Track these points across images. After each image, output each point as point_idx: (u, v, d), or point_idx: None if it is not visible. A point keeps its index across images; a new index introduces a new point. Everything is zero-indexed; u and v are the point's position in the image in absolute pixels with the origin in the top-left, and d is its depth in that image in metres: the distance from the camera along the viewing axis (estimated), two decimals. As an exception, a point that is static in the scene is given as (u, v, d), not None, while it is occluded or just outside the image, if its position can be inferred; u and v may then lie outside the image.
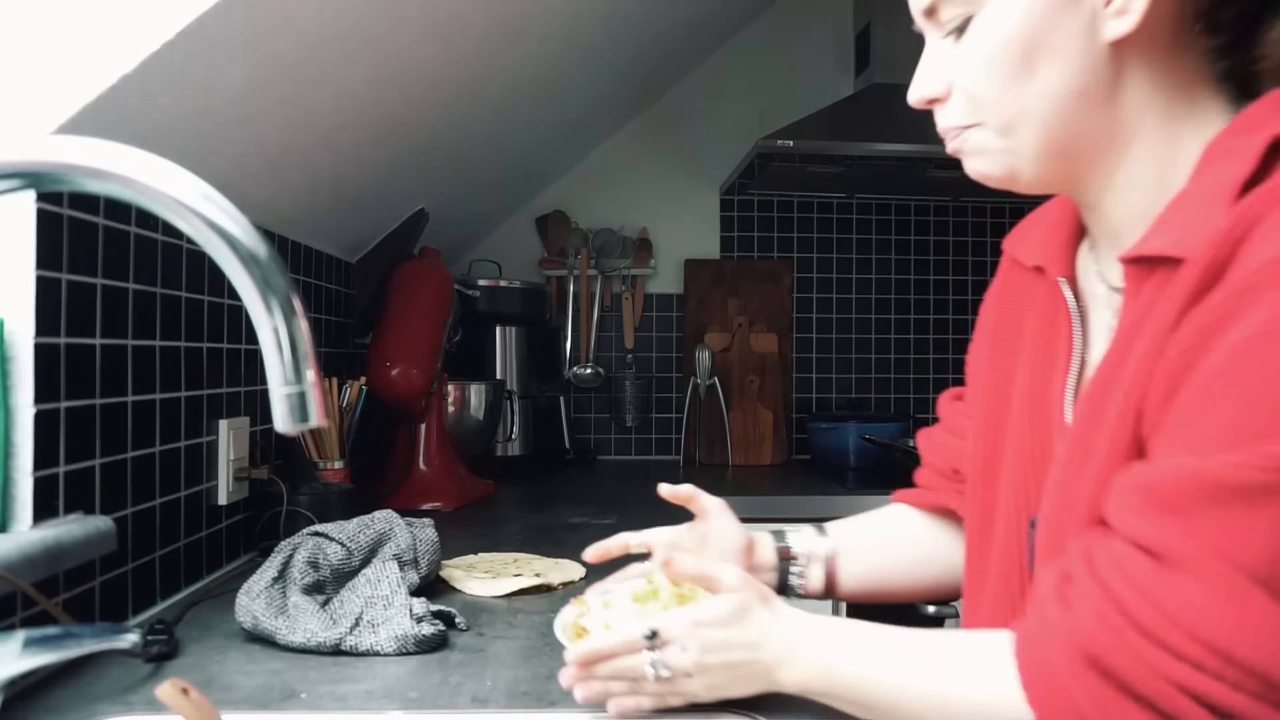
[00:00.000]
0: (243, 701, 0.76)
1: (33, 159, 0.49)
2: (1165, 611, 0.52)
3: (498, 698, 0.77)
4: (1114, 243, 0.68)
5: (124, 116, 0.88)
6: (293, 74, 1.07)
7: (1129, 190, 0.66)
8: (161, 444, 1.08)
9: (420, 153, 1.68)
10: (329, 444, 1.50)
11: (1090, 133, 0.64)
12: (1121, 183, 0.66)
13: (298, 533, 1.02)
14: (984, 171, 0.68)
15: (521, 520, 1.66)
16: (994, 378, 0.79)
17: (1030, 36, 0.62)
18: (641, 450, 2.61)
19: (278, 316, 0.51)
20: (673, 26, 2.16)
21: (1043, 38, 0.62)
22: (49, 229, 0.86)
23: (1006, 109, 0.64)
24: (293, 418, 0.52)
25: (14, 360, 0.84)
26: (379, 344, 1.72)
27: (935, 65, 0.67)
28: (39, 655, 0.56)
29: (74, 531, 0.86)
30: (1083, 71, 0.62)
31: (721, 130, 2.56)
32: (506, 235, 2.64)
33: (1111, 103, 0.63)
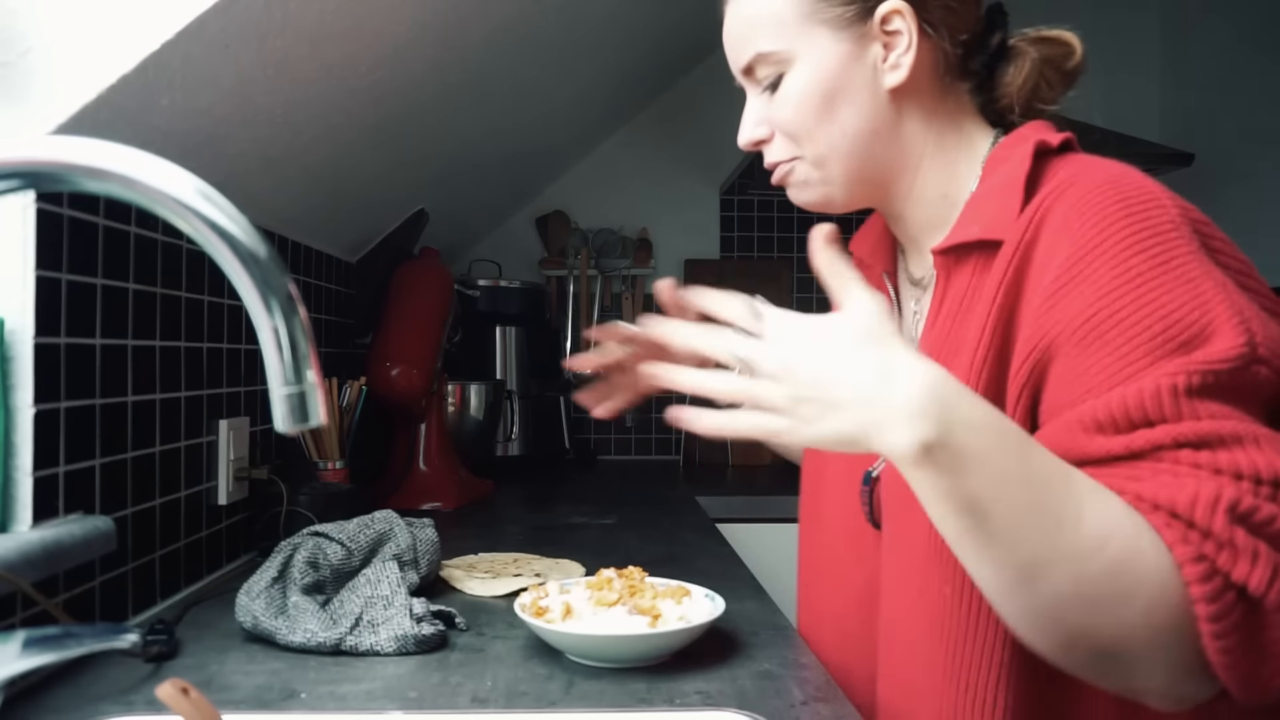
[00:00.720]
0: (243, 701, 0.76)
1: (32, 158, 0.49)
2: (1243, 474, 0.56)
3: (498, 698, 0.77)
4: (914, 246, 0.87)
5: (123, 116, 0.88)
6: (293, 74, 1.07)
7: (921, 203, 0.83)
8: (161, 444, 1.08)
9: (420, 153, 1.68)
10: (329, 444, 1.50)
11: (885, 161, 0.81)
12: (915, 198, 0.83)
13: (298, 533, 1.02)
14: (806, 200, 0.84)
15: (521, 520, 1.66)
16: None
17: (828, 88, 0.78)
18: (641, 450, 2.61)
19: (278, 316, 0.50)
20: (672, 26, 2.16)
21: (838, 89, 0.79)
22: (49, 229, 0.86)
23: (818, 146, 0.80)
24: (293, 418, 0.51)
25: (14, 360, 0.84)
26: (379, 344, 1.72)
27: (757, 114, 0.84)
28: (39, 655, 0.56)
29: (74, 531, 0.86)
30: (872, 114, 0.79)
31: (721, 130, 2.55)
32: (506, 235, 2.64)
33: (897, 136, 0.81)
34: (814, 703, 0.76)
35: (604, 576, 0.94)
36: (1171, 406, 0.58)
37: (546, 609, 0.89)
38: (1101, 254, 0.64)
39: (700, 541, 1.36)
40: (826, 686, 0.79)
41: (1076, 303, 0.64)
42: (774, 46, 0.79)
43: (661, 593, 0.91)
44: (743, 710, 0.73)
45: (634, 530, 1.48)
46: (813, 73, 0.78)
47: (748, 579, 1.18)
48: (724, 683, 0.80)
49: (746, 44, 0.81)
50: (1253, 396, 0.61)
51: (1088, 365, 0.63)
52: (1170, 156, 2.23)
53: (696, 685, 0.79)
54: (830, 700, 0.76)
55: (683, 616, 0.86)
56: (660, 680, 0.80)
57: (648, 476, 2.27)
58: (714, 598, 0.92)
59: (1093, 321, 0.63)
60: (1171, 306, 0.61)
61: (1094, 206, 0.66)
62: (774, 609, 1.04)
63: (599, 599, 0.89)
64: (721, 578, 1.18)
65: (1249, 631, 0.54)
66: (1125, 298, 0.62)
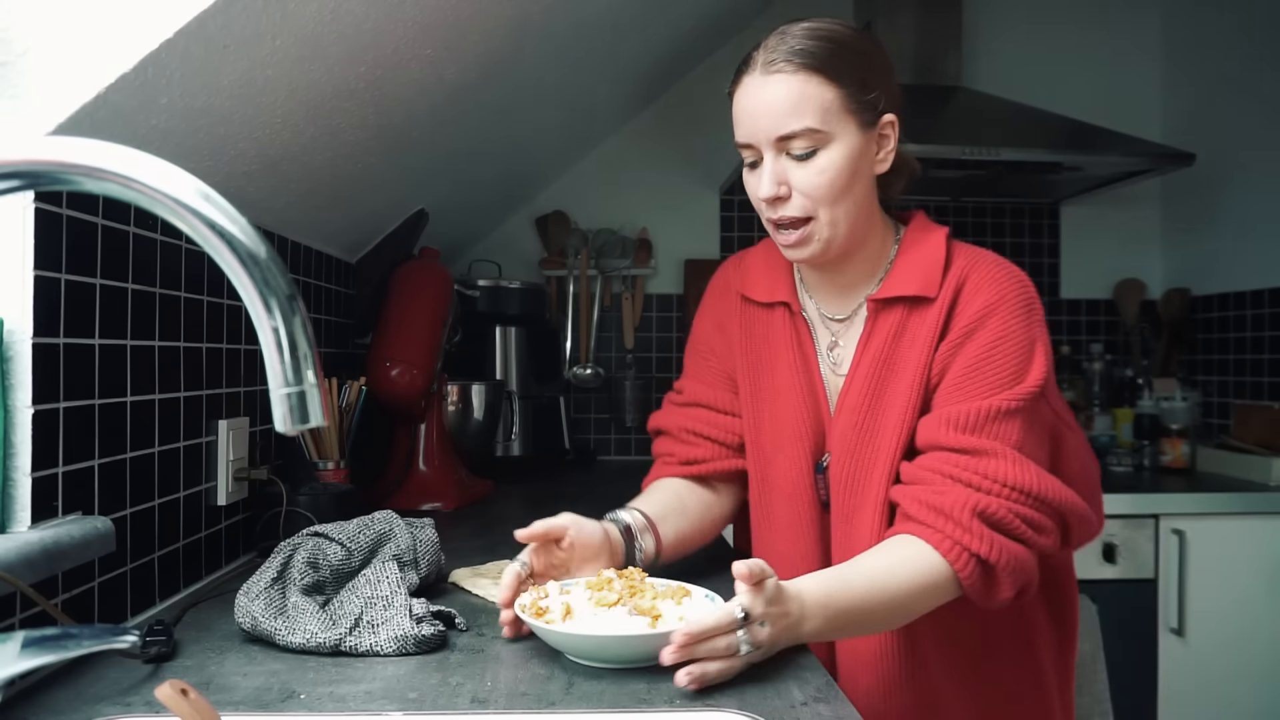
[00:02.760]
0: (242, 702, 0.76)
1: (31, 159, 0.49)
2: (993, 478, 0.97)
3: (497, 698, 0.77)
4: (842, 292, 1.14)
5: (122, 116, 0.88)
6: (292, 74, 1.07)
7: (865, 262, 1.11)
8: (161, 444, 1.08)
9: (420, 153, 1.68)
10: (329, 444, 1.49)
11: (863, 227, 1.08)
12: (863, 258, 1.11)
13: (297, 533, 1.02)
14: (809, 253, 1.06)
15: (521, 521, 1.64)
16: (754, 376, 1.17)
17: (853, 168, 1.03)
18: (641, 450, 2.60)
19: (278, 316, 0.50)
20: (673, 26, 2.16)
21: (857, 170, 1.03)
22: (48, 229, 0.86)
23: (836, 211, 1.03)
24: (293, 418, 0.51)
25: (13, 360, 0.84)
26: (379, 344, 1.72)
27: (779, 175, 1.03)
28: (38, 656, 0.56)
29: (73, 532, 0.86)
30: (866, 190, 1.07)
31: (721, 130, 2.53)
32: (506, 235, 2.64)
33: (871, 211, 1.09)
34: (814, 703, 0.76)
35: (604, 577, 0.94)
36: (986, 422, 0.99)
37: (546, 609, 0.89)
38: (999, 310, 1.04)
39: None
40: (826, 687, 0.79)
41: (972, 346, 1.03)
42: (823, 127, 1.00)
43: (661, 593, 0.91)
44: (743, 710, 0.73)
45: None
46: (845, 154, 1.02)
47: (748, 579, 1.18)
48: (724, 683, 0.80)
49: (795, 117, 1.00)
50: (1038, 421, 1.03)
51: (964, 385, 1.03)
52: (1170, 156, 2.23)
53: (697, 686, 0.79)
54: (830, 700, 0.76)
55: (683, 617, 0.86)
56: (660, 680, 0.80)
57: (648, 476, 2.26)
58: (714, 598, 0.92)
59: (976, 359, 1.03)
60: (1019, 358, 1.02)
61: (996, 280, 1.05)
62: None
63: (599, 599, 0.89)
64: (721, 578, 1.18)
65: (983, 578, 0.96)
66: (998, 349, 1.02)
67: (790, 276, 1.19)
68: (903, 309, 1.07)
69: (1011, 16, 2.72)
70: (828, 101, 1.00)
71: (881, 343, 1.08)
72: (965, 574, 0.96)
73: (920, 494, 0.99)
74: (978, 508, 0.96)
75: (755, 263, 1.22)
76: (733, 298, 1.22)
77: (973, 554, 0.95)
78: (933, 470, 1.00)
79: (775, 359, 1.16)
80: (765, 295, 1.18)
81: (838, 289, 1.14)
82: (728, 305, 1.23)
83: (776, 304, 1.17)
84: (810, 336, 1.15)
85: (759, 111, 1.02)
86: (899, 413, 1.05)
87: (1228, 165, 2.48)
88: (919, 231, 1.12)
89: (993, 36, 2.69)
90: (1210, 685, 1.99)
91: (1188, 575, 2.00)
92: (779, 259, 1.19)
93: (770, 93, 1.01)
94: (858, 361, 1.09)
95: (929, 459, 1.02)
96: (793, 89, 1.00)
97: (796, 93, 1.00)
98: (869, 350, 1.09)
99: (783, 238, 1.06)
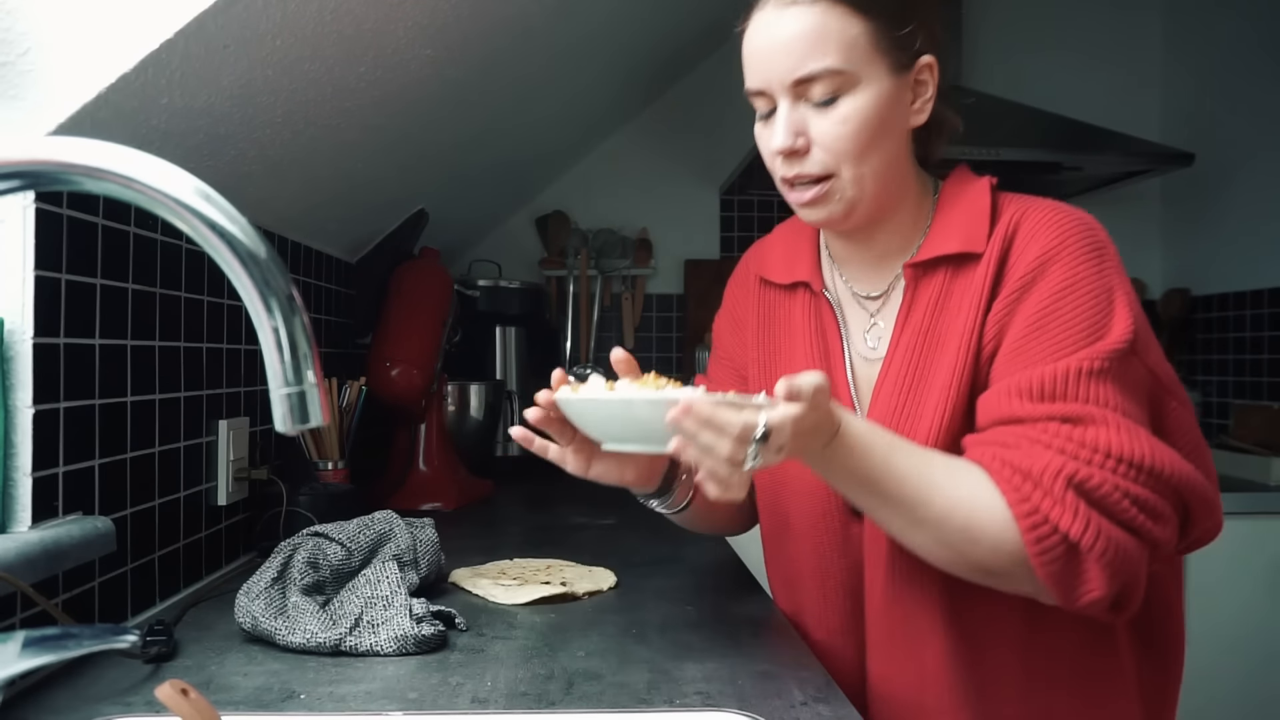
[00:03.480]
0: (242, 702, 0.76)
1: (31, 158, 0.49)
2: (1094, 446, 0.78)
3: (497, 698, 0.77)
4: (878, 263, 0.98)
5: (123, 116, 0.88)
6: (292, 74, 1.07)
7: (899, 227, 0.96)
8: (161, 444, 1.08)
9: (420, 152, 1.68)
10: (329, 444, 1.50)
11: (894, 188, 0.93)
12: (896, 223, 0.96)
13: (297, 533, 1.02)
14: (827, 215, 0.92)
15: (521, 520, 1.66)
16: (769, 367, 1.05)
17: (883, 117, 0.88)
18: (641, 450, 2.60)
19: (278, 316, 0.50)
20: (673, 26, 2.16)
21: (886, 120, 0.88)
22: (48, 229, 0.86)
23: (861, 167, 0.89)
24: (293, 418, 0.51)
25: (13, 360, 0.84)
26: (379, 344, 1.72)
27: (796, 125, 0.89)
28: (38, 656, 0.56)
29: (73, 532, 0.86)
30: (898, 146, 0.92)
31: (721, 130, 2.56)
32: (506, 235, 2.64)
33: (903, 170, 0.94)
34: (814, 703, 0.76)
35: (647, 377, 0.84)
36: (1072, 386, 0.80)
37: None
38: (1061, 254, 0.86)
39: (701, 542, 1.36)
40: (826, 687, 0.79)
41: (1032, 299, 0.86)
42: (847, 67, 0.86)
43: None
44: (743, 710, 0.73)
45: (634, 530, 1.48)
46: (874, 100, 0.87)
47: (748, 579, 1.18)
48: (724, 683, 0.80)
49: (814, 56, 0.86)
50: (1134, 383, 0.83)
51: (1030, 347, 0.84)
52: (1170, 156, 2.23)
53: (696, 685, 0.79)
54: (830, 700, 0.76)
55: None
56: (660, 680, 0.80)
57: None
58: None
59: (1039, 315, 0.85)
60: (1095, 309, 0.83)
61: (1056, 222, 0.88)
62: (774, 609, 1.04)
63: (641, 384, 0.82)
64: (722, 578, 1.19)
65: (1067, 565, 0.77)
66: (1066, 299, 0.84)
67: (814, 253, 1.04)
68: (945, 272, 0.92)
69: (1011, 17, 2.72)
70: (853, 38, 0.86)
71: (923, 315, 0.92)
72: (1040, 551, 0.76)
73: (998, 450, 0.81)
74: (1075, 477, 0.77)
75: (776, 241, 1.09)
76: (750, 284, 1.10)
77: (1056, 528, 0.76)
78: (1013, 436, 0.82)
79: (793, 347, 1.02)
80: (784, 275, 1.04)
81: (871, 261, 0.99)
82: (744, 294, 1.11)
83: (796, 285, 1.04)
84: (835, 320, 1.00)
85: (772, 50, 0.88)
86: (940, 391, 0.89)
87: (1228, 165, 2.48)
88: (959, 184, 0.96)
89: (993, 37, 2.69)
90: (1210, 685, 1.99)
91: (1188, 575, 2.00)
92: (802, 234, 1.06)
93: (786, 28, 0.87)
94: (896, 340, 0.94)
95: (1000, 431, 0.83)
96: (812, 22, 0.86)
97: (817, 27, 0.85)
98: (909, 325, 0.93)
99: (797, 195, 0.91)
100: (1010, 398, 0.82)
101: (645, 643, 0.91)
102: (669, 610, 1.02)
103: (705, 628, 0.96)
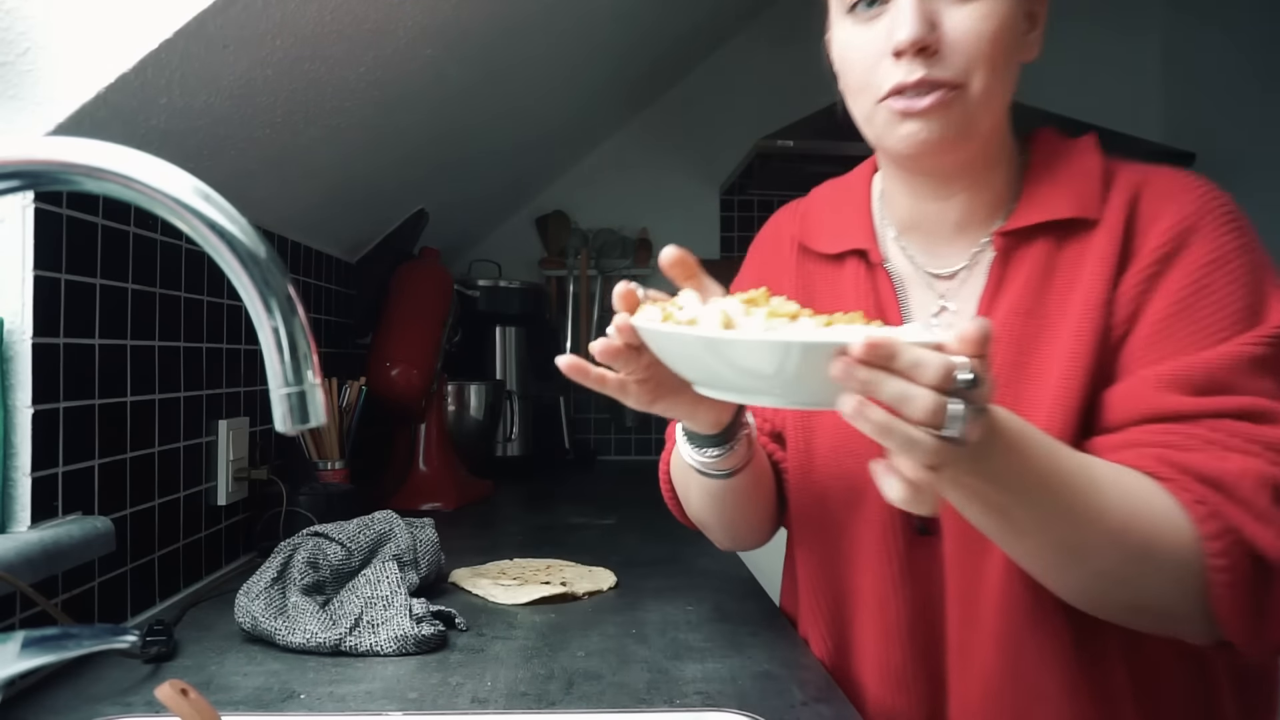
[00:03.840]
0: (242, 702, 0.76)
1: (31, 158, 0.49)
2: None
3: (497, 698, 0.77)
4: (956, 232, 0.82)
5: (122, 116, 0.88)
6: (292, 74, 1.07)
7: (986, 187, 0.81)
8: (161, 444, 1.08)
9: (420, 152, 1.67)
10: (329, 444, 1.49)
11: (1003, 125, 0.79)
12: (984, 182, 0.81)
13: (297, 533, 1.02)
14: (942, 132, 0.73)
15: (521, 521, 1.65)
16: None
17: (1014, 32, 0.74)
18: (641, 450, 2.61)
19: (278, 316, 0.50)
20: (673, 26, 2.16)
21: (1016, 37, 0.74)
22: (47, 229, 0.86)
23: (992, 84, 0.73)
24: (293, 418, 0.51)
25: (12, 360, 0.84)
26: (379, 344, 1.72)
27: (930, 14, 0.71)
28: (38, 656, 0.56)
29: (73, 532, 0.86)
30: (1014, 73, 0.76)
31: (721, 130, 2.56)
32: (506, 235, 2.64)
33: (1006, 110, 0.79)
34: (814, 703, 0.76)
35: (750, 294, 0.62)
36: (1240, 376, 0.67)
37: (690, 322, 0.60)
38: (1202, 225, 0.73)
39: (701, 542, 1.36)
40: (826, 687, 0.79)
41: (1175, 276, 0.72)
42: None
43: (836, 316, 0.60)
44: (743, 710, 0.73)
45: (634, 530, 1.48)
46: (1010, 6, 0.72)
47: (748, 579, 1.18)
48: (724, 683, 0.80)
49: None
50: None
51: (1175, 331, 0.70)
52: (1170, 156, 2.23)
53: (696, 685, 0.79)
54: (830, 700, 0.76)
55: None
56: (660, 680, 0.80)
57: (648, 476, 2.26)
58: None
59: (1186, 293, 0.71)
60: (1247, 287, 0.70)
61: (1189, 187, 0.75)
62: (774, 609, 1.04)
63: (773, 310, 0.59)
64: (722, 578, 1.18)
65: (1262, 595, 0.61)
66: (1214, 276, 0.71)
67: (869, 217, 0.87)
68: (1048, 243, 0.77)
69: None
70: None
71: (1020, 293, 0.77)
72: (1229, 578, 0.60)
73: (1165, 454, 0.66)
74: (1276, 482, 0.63)
75: (820, 203, 0.92)
76: (785, 250, 0.93)
77: (1253, 548, 0.61)
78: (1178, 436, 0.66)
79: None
80: (832, 243, 0.88)
81: (948, 229, 0.82)
82: (778, 261, 0.94)
83: (847, 254, 0.87)
84: (895, 298, 0.84)
85: None
86: (1059, 380, 0.73)
87: (1226, 165, 2.48)
88: (1054, 142, 0.82)
89: (993, 36, 2.69)
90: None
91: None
92: (852, 194, 0.90)
93: None
94: (995, 313, 0.78)
95: (1152, 431, 0.68)
96: None
97: None
98: (1001, 303, 0.77)
99: (908, 102, 0.72)
100: (1160, 390, 0.68)
101: (645, 643, 0.91)
102: (669, 610, 1.02)
103: (705, 628, 0.96)
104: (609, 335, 0.67)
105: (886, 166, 0.86)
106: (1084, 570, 0.65)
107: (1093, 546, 0.63)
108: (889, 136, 0.76)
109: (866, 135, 0.80)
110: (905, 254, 0.86)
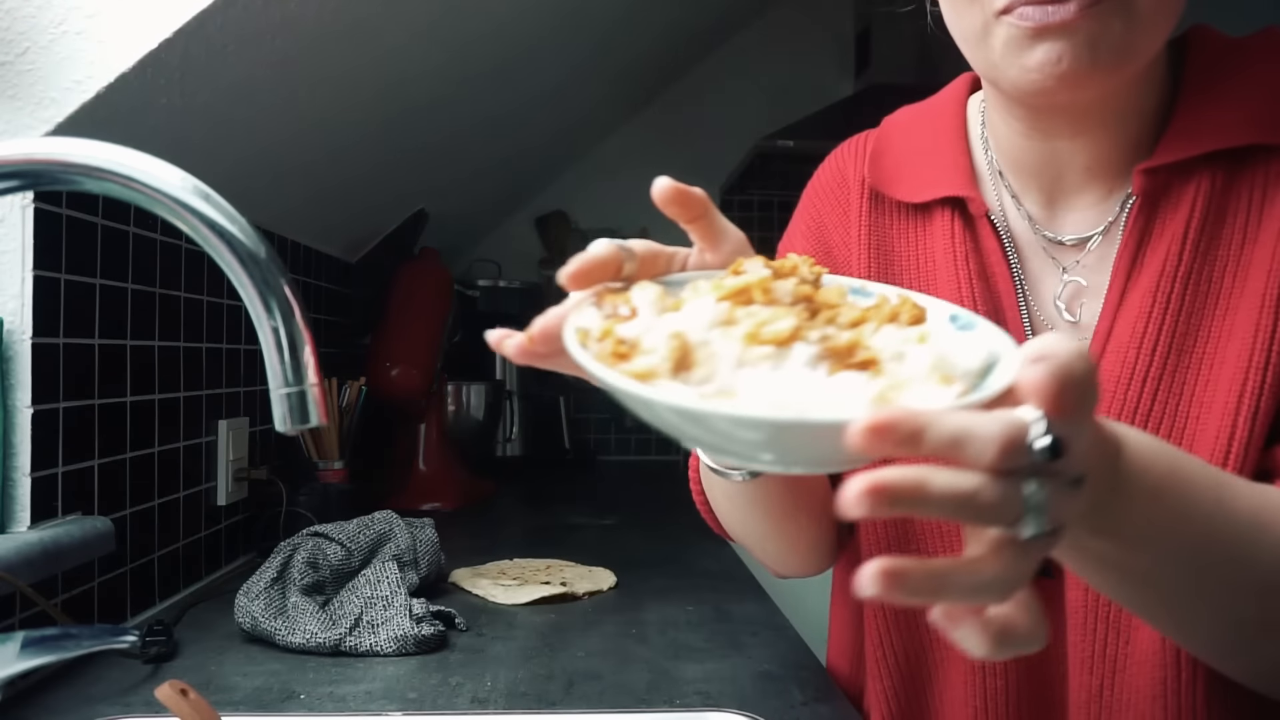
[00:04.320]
0: (242, 702, 0.76)
1: (31, 158, 0.49)
2: None
3: (497, 698, 0.77)
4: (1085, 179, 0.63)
5: (122, 116, 0.88)
6: (292, 73, 1.07)
7: (1135, 114, 0.61)
8: (160, 444, 1.08)
9: (420, 153, 1.68)
10: (329, 444, 1.49)
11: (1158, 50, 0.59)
12: (1131, 110, 0.61)
13: (297, 533, 1.02)
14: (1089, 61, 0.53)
15: (521, 521, 1.66)
16: None
17: None
18: (641, 450, 2.61)
19: (277, 316, 0.50)
20: (673, 26, 2.16)
21: None
22: (47, 229, 0.86)
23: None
24: (292, 418, 0.51)
25: (12, 360, 0.84)
26: (379, 344, 1.72)
27: None
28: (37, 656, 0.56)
29: (72, 532, 0.86)
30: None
31: (721, 130, 2.56)
32: (506, 235, 2.64)
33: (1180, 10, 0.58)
34: (814, 703, 0.76)
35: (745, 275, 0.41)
36: None
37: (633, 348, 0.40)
38: None
39: (701, 542, 1.36)
40: (826, 687, 0.79)
41: None
42: None
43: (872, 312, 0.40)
44: (743, 710, 0.73)
45: (634, 530, 1.48)
46: None
47: (748, 579, 1.18)
48: (724, 683, 0.80)
49: None
50: None
51: None
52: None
53: (696, 685, 0.79)
54: (830, 700, 0.76)
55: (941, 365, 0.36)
56: (660, 680, 0.80)
57: (648, 476, 2.27)
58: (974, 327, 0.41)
59: None
60: None
61: None
62: (774, 609, 1.04)
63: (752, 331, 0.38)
64: (722, 578, 1.18)
65: None
66: None
67: (965, 152, 0.68)
68: (1213, 178, 0.59)
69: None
70: None
71: (1175, 250, 0.58)
72: None
73: None
74: None
75: (897, 135, 0.72)
76: (850, 198, 0.73)
77: None
78: None
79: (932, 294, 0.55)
80: (916, 189, 0.68)
81: (1078, 174, 0.64)
82: (839, 212, 0.73)
83: (937, 203, 0.67)
84: (1005, 261, 0.65)
85: None
86: (1237, 368, 0.55)
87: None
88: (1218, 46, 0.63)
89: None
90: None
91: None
92: (944, 124, 0.70)
93: None
94: (1124, 294, 0.60)
95: None
96: None
97: None
98: (1148, 267, 0.59)
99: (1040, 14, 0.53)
100: None
101: (645, 643, 0.91)
102: (669, 610, 1.02)
103: (705, 628, 0.96)
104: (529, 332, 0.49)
105: (994, 96, 0.65)
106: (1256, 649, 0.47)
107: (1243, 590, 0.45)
108: (1010, 65, 0.55)
109: (975, 63, 0.60)
110: (1021, 208, 0.66)
